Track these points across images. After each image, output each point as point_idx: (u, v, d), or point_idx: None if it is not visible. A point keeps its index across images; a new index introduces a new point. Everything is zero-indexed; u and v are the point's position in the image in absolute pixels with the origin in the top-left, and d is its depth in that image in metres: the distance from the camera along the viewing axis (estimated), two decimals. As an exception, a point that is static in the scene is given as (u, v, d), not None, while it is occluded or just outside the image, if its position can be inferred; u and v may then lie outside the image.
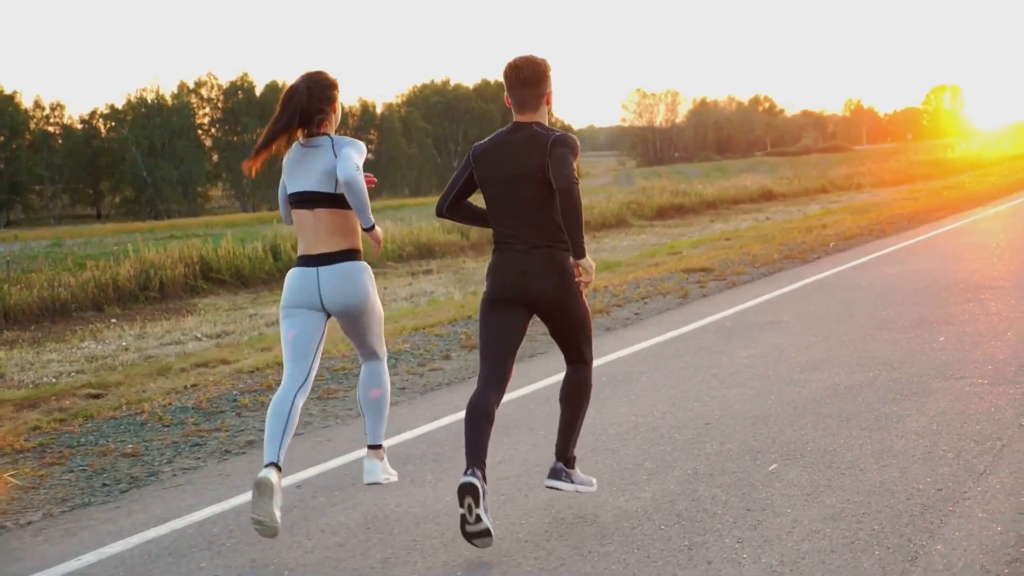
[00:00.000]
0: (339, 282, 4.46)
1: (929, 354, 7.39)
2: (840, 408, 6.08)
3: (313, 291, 4.46)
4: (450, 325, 10.00)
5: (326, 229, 4.48)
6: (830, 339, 8.22)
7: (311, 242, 4.50)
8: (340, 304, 4.49)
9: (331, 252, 4.47)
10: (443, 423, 6.34)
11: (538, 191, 4.27)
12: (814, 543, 4.00)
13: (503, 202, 4.34)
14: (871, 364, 7.20)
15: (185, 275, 18.27)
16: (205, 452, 5.94)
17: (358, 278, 4.51)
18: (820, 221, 20.15)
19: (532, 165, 4.26)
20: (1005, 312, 8.82)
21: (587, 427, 5.91)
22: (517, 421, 6.26)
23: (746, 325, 9.16)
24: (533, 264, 4.28)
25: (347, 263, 4.49)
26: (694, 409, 6.28)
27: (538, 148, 4.25)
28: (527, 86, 4.33)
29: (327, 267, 4.46)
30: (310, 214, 4.49)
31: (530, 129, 4.32)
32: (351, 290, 4.48)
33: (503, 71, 4.36)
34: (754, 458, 5.19)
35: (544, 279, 4.29)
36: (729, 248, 16.04)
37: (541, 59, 4.38)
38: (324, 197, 4.47)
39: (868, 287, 10.92)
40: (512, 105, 4.39)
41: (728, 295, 11.21)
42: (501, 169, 4.33)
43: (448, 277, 17.27)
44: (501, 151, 4.34)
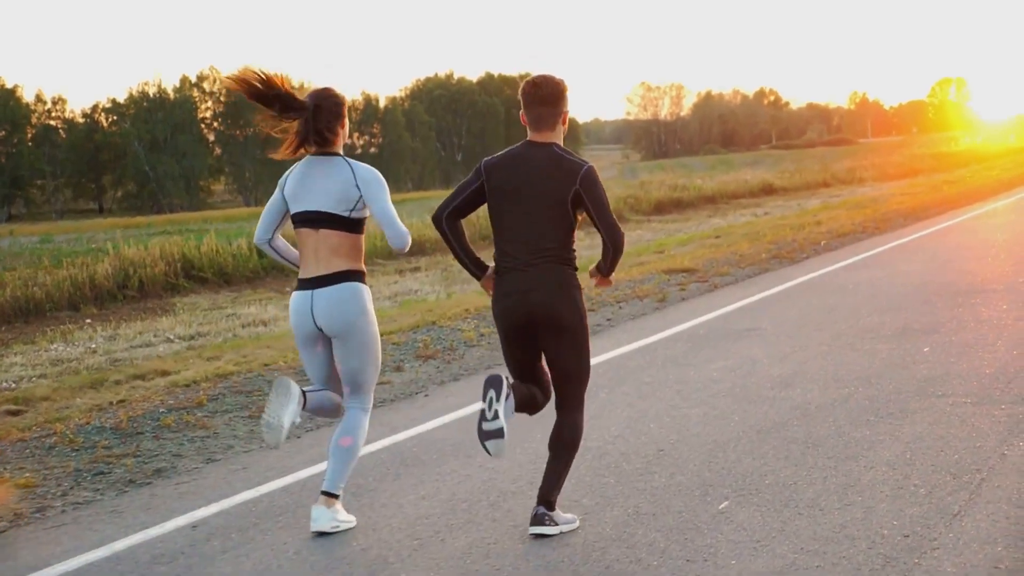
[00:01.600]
0: (332, 302, 4.38)
1: (911, 368, 6.85)
2: (807, 432, 5.54)
3: (308, 315, 4.41)
4: (411, 332, 9.47)
5: (328, 250, 4.42)
6: (807, 350, 7.68)
7: (311, 263, 4.43)
8: (333, 323, 4.40)
9: (329, 274, 4.40)
10: (373, 449, 5.81)
11: (555, 213, 4.23)
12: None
13: (515, 219, 4.26)
14: (847, 379, 6.66)
15: (166, 273, 17.83)
16: (107, 482, 5.41)
17: (352, 297, 4.41)
18: (815, 217, 19.58)
19: (557, 190, 4.21)
20: (995, 319, 8.27)
21: (526, 454, 5.38)
22: (452, 448, 5.72)
23: (721, 333, 8.62)
24: (533, 281, 4.23)
25: (343, 284, 4.41)
26: (649, 432, 5.74)
27: (565, 174, 4.22)
28: (545, 104, 4.28)
29: (322, 289, 4.40)
30: (313, 233, 4.43)
31: (550, 150, 4.27)
32: (344, 307, 4.39)
33: (521, 88, 4.33)
34: (704, 494, 4.66)
35: (544, 292, 4.22)
36: (717, 247, 15.48)
37: (560, 79, 4.33)
38: (334, 219, 4.41)
39: (854, 290, 10.36)
40: (528, 123, 4.31)
41: (708, 299, 10.66)
42: (519, 186, 4.25)
43: (436, 275, 16.77)
44: (519, 168, 4.27)
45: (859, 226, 17.01)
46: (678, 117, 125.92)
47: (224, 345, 9.88)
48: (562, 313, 4.23)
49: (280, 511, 4.81)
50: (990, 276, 10.58)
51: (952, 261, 11.92)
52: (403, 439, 5.96)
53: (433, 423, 6.27)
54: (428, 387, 7.40)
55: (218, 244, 19.05)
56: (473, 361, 8.20)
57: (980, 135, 75.14)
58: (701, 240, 17.23)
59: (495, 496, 4.81)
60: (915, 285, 10.33)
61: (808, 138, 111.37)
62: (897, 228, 16.65)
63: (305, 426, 6.43)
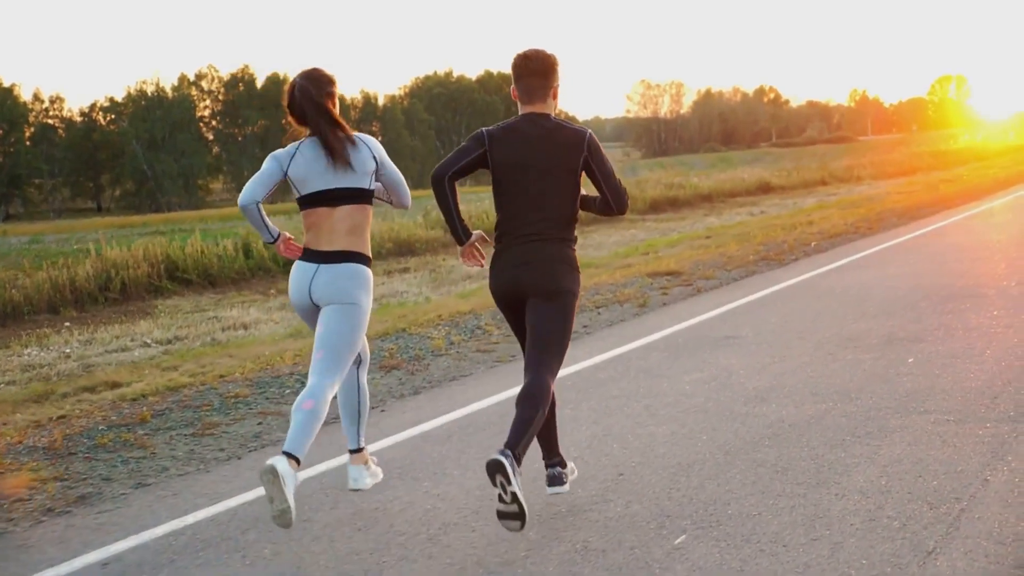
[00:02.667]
0: (332, 280, 4.40)
1: (893, 381, 6.48)
2: (778, 454, 5.17)
3: (305, 288, 4.43)
4: (378, 340, 9.10)
5: (347, 227, 4.45)
6: (786, 360, 7.31)
7: (325, 238, 4.44)
8: (326, 294, 4.41)
9: (342, 251, 4.42)
10: (312, 472, 5.44)
11: (563, 184, 4.29)
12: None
13: (518, 189, 4.30)
14: (826, 394, 6.29)
15: (149, 275, 17.54)
16: (24, 511, 5.03)
17: (354, 276, 4.43)
18: (807, 217, 19.20)
19: (566, 159, 4.27)
20: (985, 326, 7.90)
21: (473, 480, 5.01)
22: (399, 471, 5.35)
23: (699, 341, 8.25)
24: (531, 254, 4.27)
25: (350, 264, 4.43)
26: (611, 453, 5.37)
27: (572, 143, 4.29)
28: (536, 75, 4.32)
29: (328, 265, 4.41)
30: (330, 212, 4.44)
31: (550, 120, 4.32)
32: (341, 284, 4.40)
33: (512, 62, 4.36)
34: (661, 526, 4.29)
35: (539, 268, 4.26)
36: (706, 248, 15.10)
37: (550, 53, 4.37)
38: (356, 193, 4.46)
39: (841, 295, 9.99)
40: (519, 96, 4.35)
41: (690, 304, 10.28)
42: (524, 159, 4.28)
43: (424, 276, 16.41)
44: (522, 140, 4.29)
45: (851, 226, 16.63)
46: (678, 115, 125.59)
47: (187, 353, 9.52)
48: (556, 282, 4.27)
49: (203, 545, 4.44)
50: (982, 279, 10.20)
51: (944, 263, 11.54)
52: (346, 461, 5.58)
53: (384, 442, 5.90)
54: (386, 401, 7.03)
55: (203, 245, 18.75)
56: (439, 372, 7.82)
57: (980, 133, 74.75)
58: (691, 241, 16.85)
59: (435, 529, 4.44)
60: (904, 289, 9.96)
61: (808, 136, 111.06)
62: (890, 228, 16.26)
63: (248, 446, 6.06)
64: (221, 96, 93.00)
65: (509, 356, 8.25)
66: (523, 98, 4.36)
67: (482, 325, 9.56)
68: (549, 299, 4.29)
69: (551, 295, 4.29)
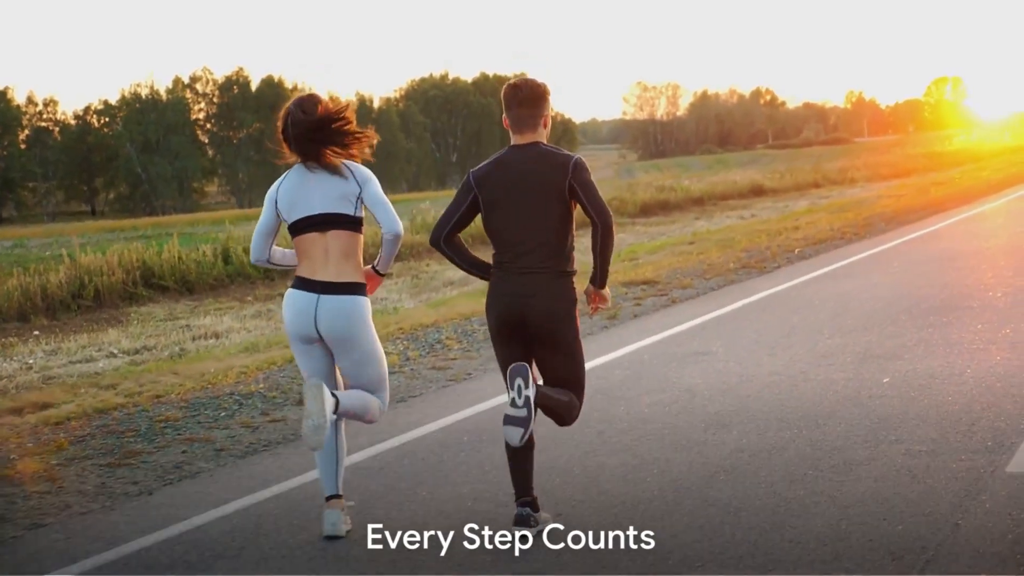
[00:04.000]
0: (337, 315, 4.38)
1: (865, 404, 6.03)
2: (733, 491, 4.72)
3: (310, 319, 4.40)
4: (330, 357, 8.63)
5: (339, 253, 4.43)
6: (754, 380, 6.86)
7: (319, 265, 4.42)
8: (334, 335, 4.41)
9: (338, 282, 4.40)
10: (243, 504, 4.99)
11: (551, 210, 4.25)
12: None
13: (510, 222, 4.28)
14: (792, 419, 5.84)
15: (124, 282, 17.14)
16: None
17: (357, 314, 4.42)
18: (795, 222, 18.74)
19: (550, 184, 4.24)
20: (967, 342, 7.45)
21: (401, 518, 4.55)
22: (316, 509, 4.89)
23: (666, 358, 7.80)
24: (528, 287, 4.25)
25: (350, 296, 4.41)
26: (552, 490, 4.90)
27: (557, 169, 4.25)
28: (525, 106, 4.31)
29: (329, 296, 4.39)
30: (321, 237, 4.43)
31: (538, 148, 4.31)
32: (347, 325, 4.39)
33: (502, 92, 4.37)
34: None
35: (540, 303, 4.25)
36: (687, 254, 14.64)
37: (541, 82, 4.36)
38: (342, 219, 4.43)
39: (819, 306, 9.53)
40: (510, 126, 4.36)
41: (662, 316, 9.83)
42: (510, 188, 4.28)
43: (405, 283, 15.99)
44: (508, 171, 4.30)
45: (838, 232, 16.18)
46: (674, 117, 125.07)
47: (129, 372, 9.06)
48: (554, 321, 4.26)
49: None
50: (967, 290, 9.75)
51: (928, 273, 11.09)
52: (266, 497, 5.14)
53: (311, 474, 5.44)
54: (325, 426, 6.56)
55: (181, 251, 18.36)
56: (387, 392, 7.35)
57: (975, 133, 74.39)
58: (673, 247, 16.40)
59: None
60: (885, 300, 9.50)
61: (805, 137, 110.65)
62: (877, 234, 15.81)
63: (165, 478, 5.60)
64: (216, 99, 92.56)
65: (464, 374, 7.81)
66: (514, 127, 4.36)
67: (442, 339, 9.11)
68: (556, 348, 4.32)
69: (556, 345, 4.31)
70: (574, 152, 4.68)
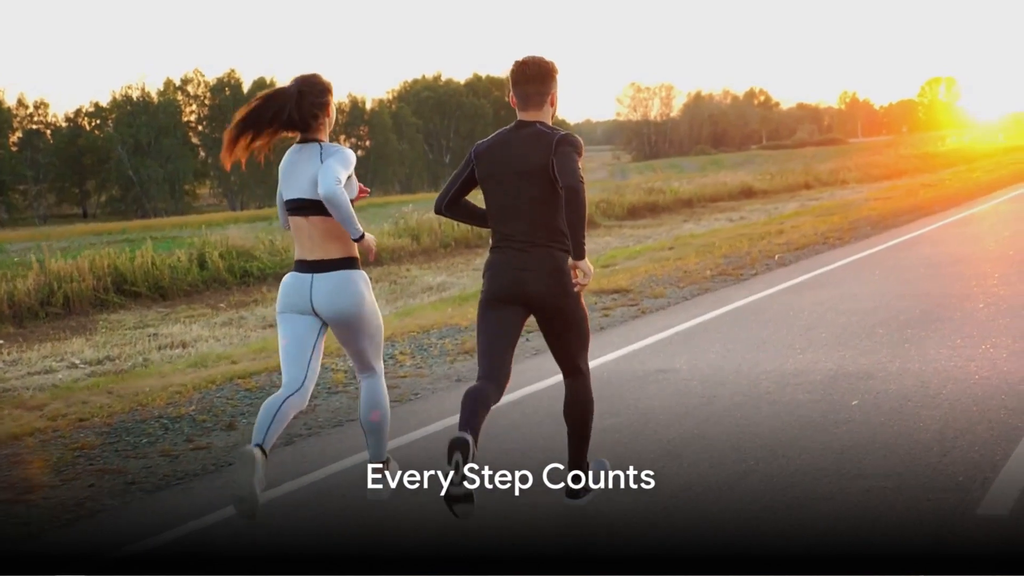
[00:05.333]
0: (332, 290, 4.47)
1: (830, 431, 5.57)
2: (671, 538, 4.26)
3: (305, 297, 4.50)
4: (272, 374, 8.16)
5: (321, 235, 4.49)
6: (716, 401, 6.40)
7: (307, 248, 4.52)
8: (333, 312, 4.50)
9: (327, 259, 4.48)
10: (136, 549, 4.51)
11: (541, 189, 4.29)
12: None
13: (504, 199, 4.35)
14: (750, 448, 5.37)
15: (95, 288, 16.73)
16: None
17: (352, 286, 4.50)
18: (779, 226, 18.27)
19: (536, 162, 4.28)
20: (944, 359, 6.99)
21: None
22: (247, 545, 4.42)
23: (625, 377, 7.33)
24: (530, 263, 4.29)
25: (342, 271, 4.49)
26: (463, 543, 4.43)
27: (543, 145, 4.28)
28: (532, 82, 4.34)
29: (321, 274, 4.48)
30: (304, 221, 4.52)
31: (534, 127, 4.35)
32: (344, 298, 4.49)
33: (510, 69, 4.39)
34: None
35: (541, 278, 4.29)
36: (665, 260, 14.17)
37: (549, 60, 4.39)
38: (315, 204, 4.47)
39: (793, 318, 9.06)
40: (516, 103, 4.39)
41: (629, 328, 9.36)
42: (504, 166, 4.34)
43: (383, 289, 15.52)
44: (504, 148, 4.37)
45: (821, 236, 15.72)
46: (668, 118, 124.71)
47: (71, 388, 8.59)
48: (559, 298, 4.31)
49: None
50: (948, 300, 9.29)
51: (910, 280, 10.62)
52: (165, 542, 4.65)
53: (210, 517, 4.96)
54: (251, 454, 6.08)
55: (155, 256, 17.94)
56: (325, 415, 6.89)
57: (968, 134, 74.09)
58: (653, 252, 15.93)
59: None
60: (862, 312, 9.04)
61: (798, 138, 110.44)
62: (861, 239, 15.35)
63: (60, 518, 5.12)
64: (207, 101, 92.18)
65: (412, 394, 7.34)
66: (520, 105, 4.39)
67: (395, 354, 8.63)
68: (557, 316, 4.38)
69: (558, 313, 4.37)
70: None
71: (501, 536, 4.41)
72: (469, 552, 4.28)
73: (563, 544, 4.29)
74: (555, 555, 4.18)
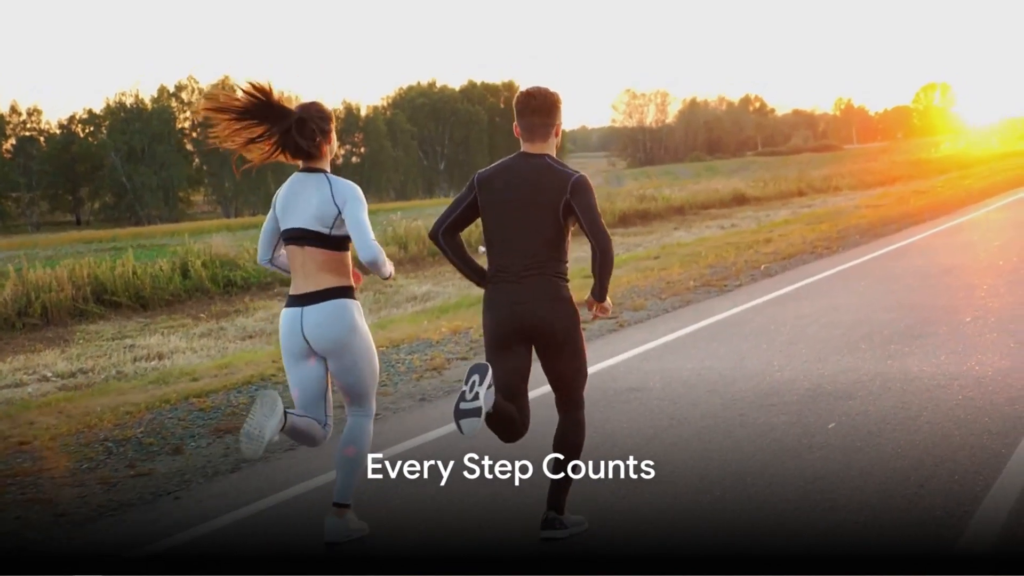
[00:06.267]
0: (322, 320, 4.40)
1: (804, 457, 5.25)
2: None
3: (298, 332, 4.43)
4: (229, 392, 7.83)
5: (316, 266, 4.44)
6: (686, 424, 6.08)
7: (300, 281, 4.46)
8: (323, 342, 4.41)
9: (318, 291, 4.42)
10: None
11: (546, 225, 4.27)
12: None
13: (504, 230, 4.32)
14: (716, 477, 5.05)
15: (74, 298, 16.44)
16: None
17: (341, 315, 4.41)
18: (768, 234, 17.97)
19: (547, 200, 4.26)
20: (928, 377, 6.68)
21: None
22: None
23: (595, 396, 6.93)
24: (524, 292, 4.27)
25: (332, 301, 4.41)
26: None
27: (556, 184, 4.27)
28: (538, 114, 4.33)
29: (311, 306, 4.42)
30: (300, 251, 4.46)
31: (543, 160, 4.33)
32: (334, 326, 4.39)
33: (515, 99, 4.40)
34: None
35: (537, 305, 4.26)
36: (648, 271, 13.85)
37: (554, 91, 4.39)
38: (316, 236, 4.42)
39: (774, 332, 8.74)
40: (521, 134, 4.38)
41: (605, 342, 9.03)
42: (508, 197, 4.31)
43: (367, 299, 15.22)
44: (510, 179, 4.33)
45: (810, 245, 15.41)
46: (663, 124, 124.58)
47: (12, 407, 8.26)
48: (555, 326, 4.28)
49: None
50: (934, 313, 8.97)
51: (896, 292, 10.31)
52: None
53: (142, 551, 4.63)
54: (192, 481, 5.75)
55: (136, 265, 17.64)
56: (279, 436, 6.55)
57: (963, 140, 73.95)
58: (638, 262, 15.61)
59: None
60: (845, 326, 8.72)
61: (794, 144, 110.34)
62: (849, 248, 15.03)
63: None
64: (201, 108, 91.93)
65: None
66: (525, 136, 4.37)
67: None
68: (555, 345, 4.32)
69: (555, 342, 4.31)
70: (565, 160, 4.53)
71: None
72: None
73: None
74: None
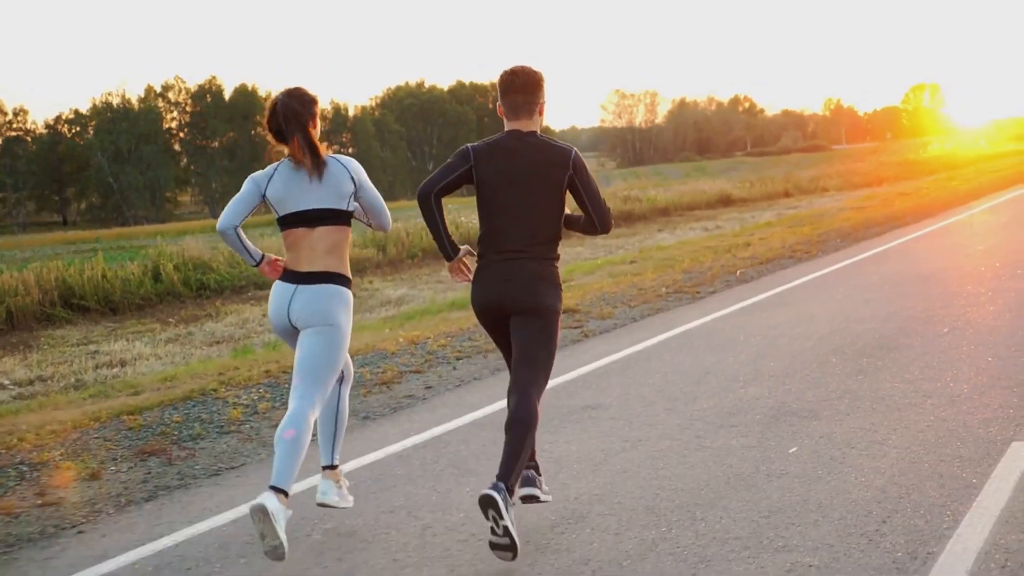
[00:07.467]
0: (310, 301, 4.37)
1: (760, 488, 4.84)
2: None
3: (284, 308, 4.42)
4: (165, 408, 7.39)
5: (325, 248, 4.45)
6: (640, 446, 5.67)
7: (304, 259, 4.44)
8: (303, 317, 4.38)
9: (316, 272, 4.41)
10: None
11: (549, 201, 4.31)
12: None
13: (504, 207, 4.31)
14: (664, 509, 4.64)
15: (41, 302, 16.08)
16: None
17: (333, 298, 4.39)
18: (747, 238, 17.58)
19: (554, 177, 4.30)
20: (899, 394, 6.28)
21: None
22: None
23: (549, 414, 6.56)
24: (515, 270, 4.27)
25: (328, 285, 4.41)
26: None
27: (558, 160, 4.31)
28: (522, 92, 4.35)
29: (305, 286, 4.40)
30: (309, 232, 4.45)
31: (536, 138, 4.35)
32: (320, 308, 4.37)
33: (499, 78, 4.39)
34: None
35: (524, 286, 4.25)
36: (622, 276, 13.45)
37: (537, 70, 4.39)
38: (333, 214, 4.45)
39: (742, 344, 8.34)
40: (505, 112, 4.39)
41: (567, 354, 8.60)
42: (510, 176, 4.30)
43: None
44: (510, 157, 4.31)
45: (789, 249, 15.02)
46: (653, 124, 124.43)
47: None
48: (538, 299, 4.26)
49: None
50: (910, 323, 8.57)
51: (872, 300, 9.91)
52: None
53: None
54: (102, 512, 5.32)
55: (106, 268, 17.25)
56: (206, 461, 6.14)
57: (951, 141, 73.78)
58: (613, 266, 15.21)
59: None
60: (817, 337, 8.32)
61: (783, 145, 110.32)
62: (829, 252, 14.64)
63: None
64: (188, 108, 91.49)
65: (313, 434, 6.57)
66: (509, 114, 4.38)
67: (307, 385, 7.88)
68: (532, 317, 4.28)
69: (534, 313, 4.27)
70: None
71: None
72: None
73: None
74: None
